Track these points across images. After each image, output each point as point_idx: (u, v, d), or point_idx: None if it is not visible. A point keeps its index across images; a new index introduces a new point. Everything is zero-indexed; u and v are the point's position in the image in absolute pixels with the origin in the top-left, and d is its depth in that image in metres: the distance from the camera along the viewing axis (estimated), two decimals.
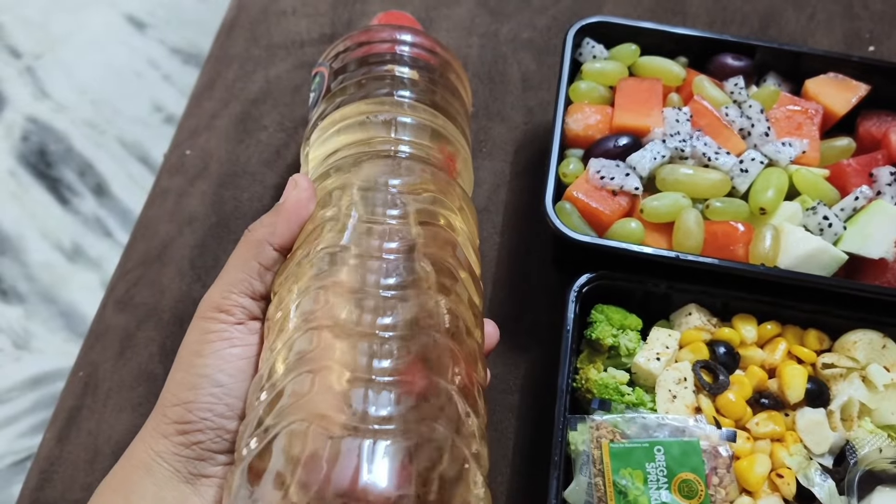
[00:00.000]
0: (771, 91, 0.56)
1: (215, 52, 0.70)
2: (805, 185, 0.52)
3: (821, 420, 0.45)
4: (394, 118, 0.44)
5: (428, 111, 0.46)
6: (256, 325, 0.36)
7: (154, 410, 0.35)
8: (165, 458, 0.33)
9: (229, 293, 0.36)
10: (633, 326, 0.48)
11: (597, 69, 0.57)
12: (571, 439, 0.44)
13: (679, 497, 0.41)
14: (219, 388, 0.34)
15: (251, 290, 0.36)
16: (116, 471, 0.35)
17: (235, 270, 0.36)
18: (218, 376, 0.34)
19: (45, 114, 1.50)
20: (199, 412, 0.33)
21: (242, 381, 0.34)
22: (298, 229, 0.38)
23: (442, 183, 0.42)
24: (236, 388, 0.34)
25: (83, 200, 1.40)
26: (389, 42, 0.49)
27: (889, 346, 0.48)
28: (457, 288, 0.37)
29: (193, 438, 0.33)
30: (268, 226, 0.37)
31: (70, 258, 1.34)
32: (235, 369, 0.34)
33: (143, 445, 0.34)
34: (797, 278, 0.48)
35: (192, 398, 0.33)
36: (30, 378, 1.22)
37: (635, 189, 0.51)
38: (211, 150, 0.64)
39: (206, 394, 0.33)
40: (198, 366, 0.34)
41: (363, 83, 0.46)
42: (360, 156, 0.41)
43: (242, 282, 0.36)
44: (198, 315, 0.36)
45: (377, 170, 0.40)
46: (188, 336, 0.36)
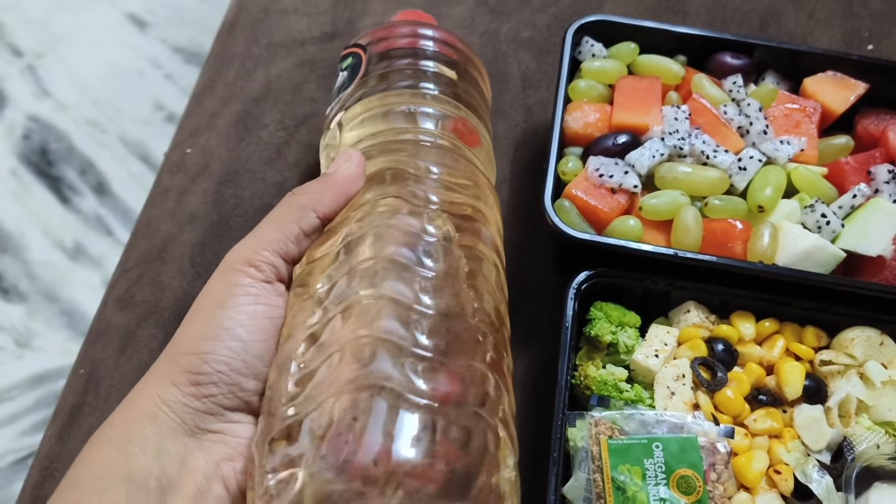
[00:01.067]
0: (769, 89, 0.57)
1: (216, 50, 0.70)
2: (803, 183, 0.53)
3: (818, 417, 0.45)
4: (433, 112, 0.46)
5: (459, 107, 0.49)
6: (282, 287, 0.35)
7: (163, 357, 0.34)
8: (173, 408, 0.32)
9: (262, 249, 0.35)
10: (632, 323, 0.48)
11: (596, 67, 0.57)
12: (570, 436, 0.44)
13: (677, 493, 0.42)
14: (238, 342, 0.32)
15: (285, 252, 0.35)
16: (114, 419, 0.33)
17: (273, 229, 0.35)
18: (238, 331, 0.32)
19: (46, 113, 1.50)
20: (215, 364, 0.32)
21: (263, 340, 0.33)
22: (345, 203, 0.37)
23: (475, 176, 0.43)
24: (256, 346, 0.33)
25: (84, 199, 1.40)
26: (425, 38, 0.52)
27: (886, 342, 0.48)
28: (490, 276, 0.38)
29: (206, 391, 0.32)
30: (314, 193, 0.36)
31: (71, 257, 1.34)
32: (257, 327, 0.33)
33: (150, 392, 0.32)
34: (795, 276, 0.48)
35: (210, 349, 0.32)
36: (31, 376, 1.22)
37: (634, 187, 0.51)
38: (212, 149, 0.64)
39: (225, 347, 0.32)
40: (219, 317, 0.33)
41: (407, 73, 0.48)
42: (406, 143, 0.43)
43: (279, 241, 0.35)
44: (224, 265, 0.34)
45: (424, 158, 0.41)
46: (211, 285, 0.34)
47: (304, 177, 0.62)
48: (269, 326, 0.33)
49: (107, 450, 0.32)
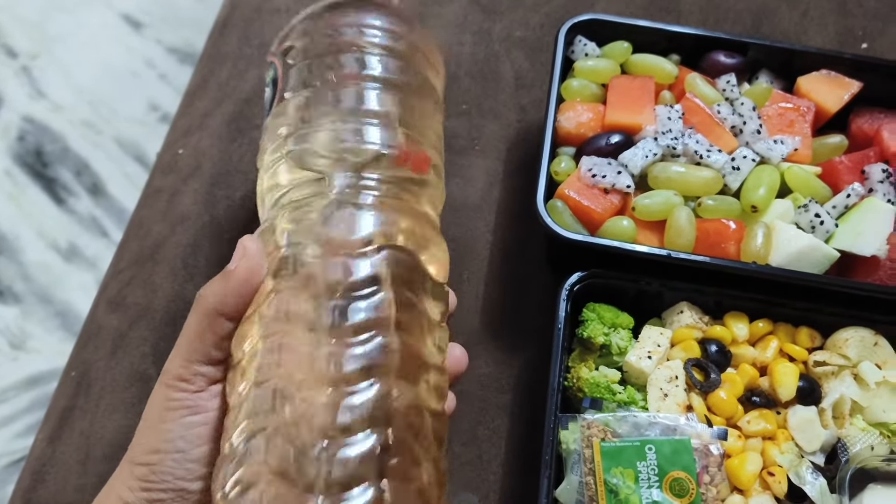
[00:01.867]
0: (763, 88, 0.56)
1: (208, 50, 0.70)
2: (797, 183, 0.52)
3: (812, 418, 0.45)
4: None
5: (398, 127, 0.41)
6: (217, 388, 0.37)
7: (124, 460, 0.37)
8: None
9: (189, 363, 0.37)
10: (625, 325, 0.48)
11: (589, 67, 0.57)
12: (563, 438, 0.44)
13: (670, 496, 0.41)
14: (179, 453, 0.36)
15: (209, 358, 0.37)
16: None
17: (192, 340, 0.37)
18: (178, 443, 0.36)
19: (41, 113, 1.50)
20: (161, 475, 0.35)
21: (201, 445, 0.36)
22: (250, 297, 0.37)
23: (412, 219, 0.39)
24: (196, 452, 0.36)
25: (79, 200, 1.40)
26: (354, 28, 0.43)
27: (881, 343, 0.48)
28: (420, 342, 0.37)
29: (156, 496, 0.35)
30: (218, 295, 0.37)
31: (66, 258, 1.33)
32: (195, 436, 0.36)
33: (114, 495, 0.36)
34: (789, 276, 0.48)
35: (155, 461, 0.36)
36: (26, 378, 1.22)
37: (627, 187, 0.51)
38: (204, 150, 0.64)
39: (168, 459, 0.35)
40: (161, 431, 0.36)
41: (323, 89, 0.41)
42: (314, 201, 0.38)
43: (199, 351, 0.37)
44: (161, 380, 0.37)
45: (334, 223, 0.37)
46: (153, 398, 0.37)
47: None
48: (206, 431, 0.36)
49: None
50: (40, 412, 1.23)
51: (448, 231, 0.60)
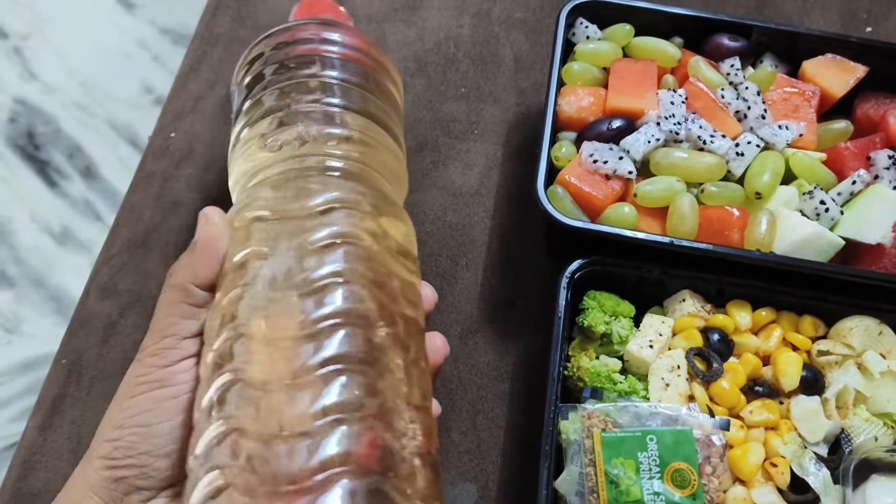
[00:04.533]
0: (768, 72, 0.55)
1: (201, 31, 0.68)
2: (802, 169, 0.51)
3: (816, 408, 0.44)
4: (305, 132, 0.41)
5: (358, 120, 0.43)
6: (187, 363, 0.36)
7: (92, 442, 0.36)
8: (97, 492, 0.34)
9: (161, 337, 0.36)
10: (626, 313, 0.47)
11: (590, 50, 0.56)
12: (563, 428, 0.43)
13: (672, 487, 0.41)
14: (144, 427, 0.35)
15: (183, 332, 0.36)
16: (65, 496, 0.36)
17: (165, 315, 0.37)
18: (144, 416, 0.35)
19: (33, 95, 1.48)
20: (124, 450, 0.34)
21: (168, 419, 0.35)
22: (219, 264, 0.37)
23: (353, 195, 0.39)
24: (163, 426, 0.35)
25: (72, 183, 1.38)
26: (313, 42, 0.46)
27: (885, 332, 0.47)
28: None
29: (119, 473, 0.34)
30: (187, 267, 0.37)
31: (59, 242, 1.32)
32: (163, 409, 0.35)
33: (81, 481, 0.35)
34: (793, 264, 0.47)
35: (118, 436, 0.35)
36: (20, 362, 1.21)
37: (629, 173, 0.50)
38: (196, 133, 0.63)
39: (131, 433, 0.34)
40: (127, 406, 0.35)
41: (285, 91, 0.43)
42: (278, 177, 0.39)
43: (173, 325, 0.36)
44: (137, 356, 0.37)
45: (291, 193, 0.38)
46: (126, 375, 0.37)
47: None
48: (173, 406, 0.35)
49: None
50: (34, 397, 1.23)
51: (446, 217, 0.59)
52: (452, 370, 0.53)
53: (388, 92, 0.48)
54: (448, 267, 0.57)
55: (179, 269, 0.37)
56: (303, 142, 0.40)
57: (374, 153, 0.42)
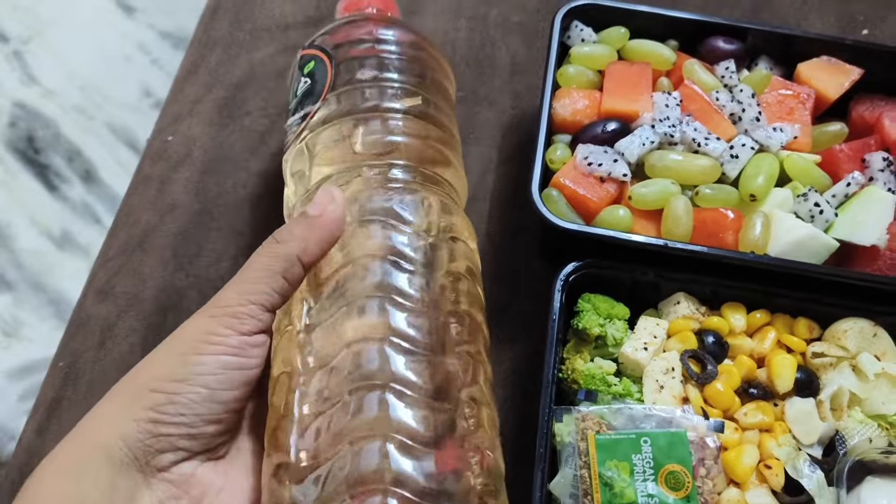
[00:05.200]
0: (763, 75, 0.55)
1: (199, 35, 0.69)
2: (796, 172, 0.52)
3: (810, 410, 0.44)
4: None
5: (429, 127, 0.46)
6: (262, 338, 0.35)
7: (121, 388, 0.34)
8: (128, 443, 0.32)
9: (247, 301, 0.34)
10: (621, 316, 0.47)
11: (585, 53, 0.56)
12: (557, 431, 0.43)
13: (666, 489, 0.41)
14: (207, 389, 0.33)
15: (269, 303, 0.35)
16: (68, 449, 0.33)
17: (258, 279, 0.35)
18: (208, 378, 0.33)
19: (33, 99, 1.48)
20: (181, 406, 0.32)
21: (230, 389, 0.34)
22: (330, 248, 0.36)
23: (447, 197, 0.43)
24: (223, 395, 0.33)
25: (71, 187, 1.39)
26: (388, 42, 0.48)
27: (880, 334, 0.47)
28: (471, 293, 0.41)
29: (164, 430, 0.32)
30: (300, 240, 0.35)
31: (59, 245, 1.33)
32: (227, 378, 0.34)
33: (108, 427, 0.33)
34: (787, 266, 0.47)
35: (178, 390, 0.32)
36: (19, 367, 1.21)
37: (623, 175, 0.50)
38: (194, 136, 0.63)
39: (193, 391, 0.33)
40: (193, 362, 0.33)
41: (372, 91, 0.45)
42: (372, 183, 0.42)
43: (264, 293, 0.35)
44: (206, 311, 0.35)
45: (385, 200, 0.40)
46: (193, 323, 0.34)
47: None
48: (239, 377, 0.34)
49: (59, 480, 0.32)
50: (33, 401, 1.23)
51: None
52: None
53: (443, 87, 0.50)
54: None
55: (290, 240, 0.36)
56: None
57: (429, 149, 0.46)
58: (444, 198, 0.43)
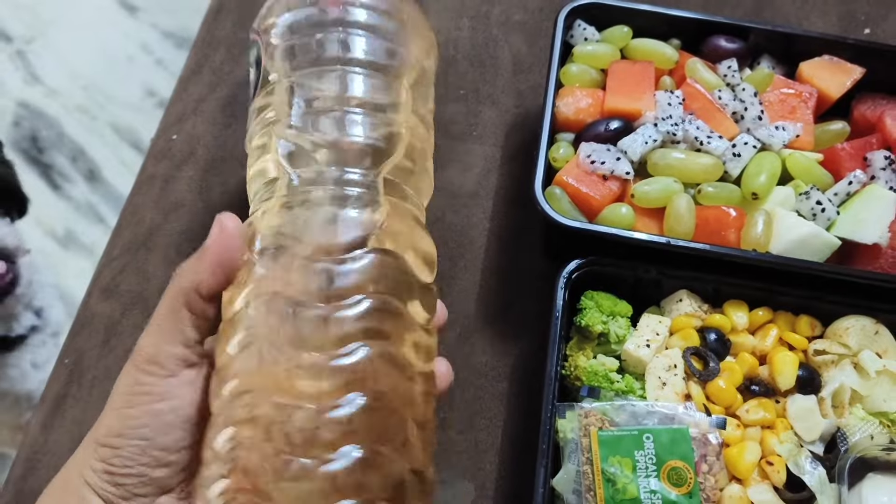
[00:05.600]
0: (765, 74, 0.56)
1: (202, 35, 0.69)
2: (798, 170, 0.52)
3: (812, 407, 0.45)
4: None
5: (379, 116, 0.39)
6: (191, 373, 0.36)
7: (88, 437, 0.35)
8: (97, 491, 0.34)
9: (162, 344, 0.35)
10: (623, 313, 0.47)
11: (588, 52, 0.56)
12: (560, 427, 0.43)
13: (668, 485, 0.41)
14: (144, 441, 0.34)
15: (184, 339, 0.35)
16: (52, 492, 0.36)
17: (166, 319, 0.35)
18: (144, 431, 0.34)
19: (36, 99, 1.49)
20: (124, 460, 0.34)
21: (168, 433, 0.35)
22: (225, 275, 0.36)
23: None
24: (162, 440, 0.34)
25: (75, 186, 1.39)
26: (339, 6, 0.41)
27: (881, 332, 0.47)
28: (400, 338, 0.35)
29: (119, 480, 0.34)
30: (192, 272, 0.36)
31: (63, 245, 1.33)
32: (162, 424, 0.34)
33: (77, 472, 0.35)
34: (789, 264, 0.47)
35: (119, 445, 0.34)
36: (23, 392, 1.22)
37: (626, 174, 0.51)
38: (198, 135, 0.63)
39: (132, 445, 0.34)
40: (127, 417, 0.34)
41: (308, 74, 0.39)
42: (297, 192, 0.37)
43: (173, 331, 0.35)
44: (131, 360, 0.35)
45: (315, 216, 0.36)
46: (121, 378, 0.35)
47: None
48: (175, 419, 0.35)
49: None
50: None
51: (445, 218, 0.59)
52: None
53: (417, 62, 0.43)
54: (447, 268, 0.57)
55: (185, 274, 0.36)
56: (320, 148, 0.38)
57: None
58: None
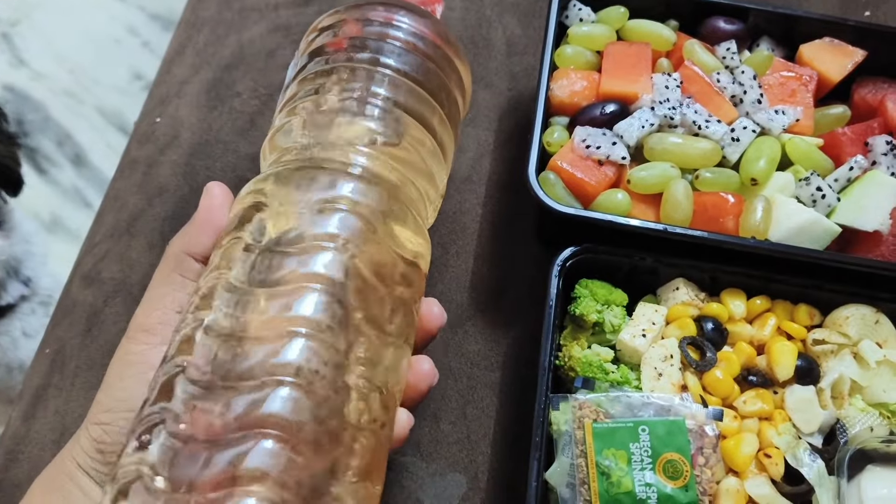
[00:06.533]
0: (764, 56, 0.54)
1: (187, 15, 0.67)
2: (798, 155, 0.51)
3: (810, 398, 0.44)
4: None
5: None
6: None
7: (84, 422, 0.35)
8: (87, 472, 0.33)
9: (153, 311, 0.35)
10: (619, 302, 0.46)
11: (583, 33, 0.55)
12: (553, 419, 0.42)
13: (664, 478, 0.40)
14: (134, 412, 0.33)
15: (176, 304, 0.35)
16: (47, 478, 0.35)
17: (158, 286, 0.35)
18: (133, 402, 0.33)
19: (22, 82, 1.46)
20: (114, 435, 0.33)
21: None
22: (214, 238, 0.36)
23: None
24: None
25: (62, 171, 1.37)
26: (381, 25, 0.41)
27: (882, 321, 0.46)
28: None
29: (110, 458, 0.33)
30: (185, 235, 0.36)
31: (49, 229, 1.31)
32: None
33: (69, 457, 0.34)
34: (788, 252, 0.46)
35: (108, 420, 0.33)
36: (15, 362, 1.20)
37: (622, 159, 0.49)
38: (182, 118, 0.61)
39: (121, 418, 0.33)
40: (117, 388, 0.34)
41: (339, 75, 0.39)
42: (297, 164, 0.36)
43: (165, 296, 0.35)
44: (126, 335, 0.35)
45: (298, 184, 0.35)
46: (115, 354, 0.35)
47: None
48: None
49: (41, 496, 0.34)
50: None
51: None
52: (443, 359, 0.52)
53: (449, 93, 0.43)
54: (439, 255, 0.56)
55: (177, 239, 0.36)
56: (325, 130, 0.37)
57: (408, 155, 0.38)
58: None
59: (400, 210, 0.36)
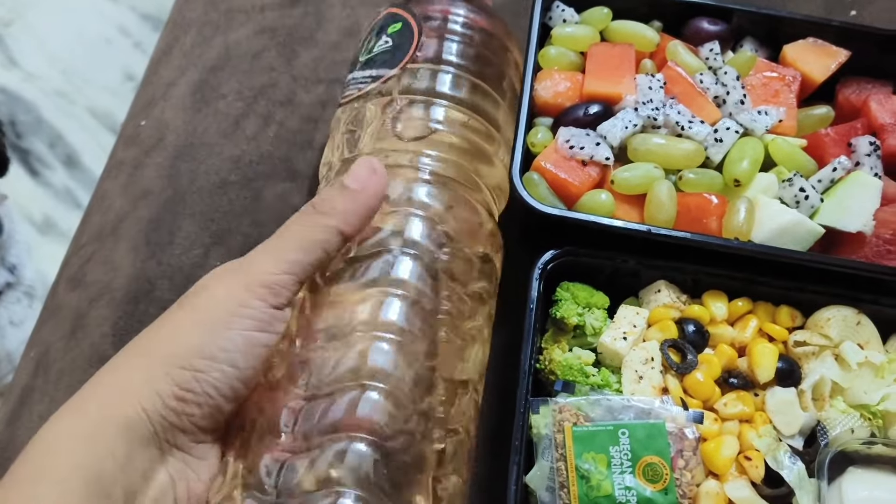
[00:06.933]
0: (747, 57, 0.54)
1: (174, 16, 0.67)
2: (781, 156, 0.50)
3: (791, 400, 0.44)
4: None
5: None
6: (288, 312, 0.34)
7: (142, 356, 0.32)
8: (151, 418, 0.30)
9: (283, 273, 0.33)
10: (600, 304, 0.46)
11: (567, 34, 0.55)
12: (534, 423, 0.42)
13: (643, 481, 0.40)
14: (233, 368, 0.31)
15: (304, 275, 0.33)
16: (81, 414, 0.31)
17: (298, 248, 0.33)
18: (236, 356, 0.31)
19: (13, 83, 1.46)
20: (206, 385, 0.31)
21: (254, 367, 0.32)
22: (369, 222, 0.35)
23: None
24: (248, 373, 0.32)
25: (54, 172, 1.37)
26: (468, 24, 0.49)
27: (863, 322, 0.46)
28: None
29: (188, 409, 0.31)
30: (342, 213, 0.34)
31: (41, 231, 1.31)
32: (253, 355, 0.32)
33: (129, 398, 0.30)
34: (771, 253, 0.46)
35: (205, 368, 0.31)
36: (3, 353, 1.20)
37: (606, 159, 0.49)
38: (167, 120, 0.61)
39: (219, 370, 0.31)
40: (221, 337, 0.31)
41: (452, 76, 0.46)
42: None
43: (301, 265, 0.33)
44: (240, 275, 0.33)
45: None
46: (222, 290, 0.32)
47: (263, 151, 0.59)
48: (264, 354, 0.32)
49: (74, 444, 0.30)
50: None
51: None
52: None
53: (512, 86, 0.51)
54: None
55: (332, 212, 0.34)
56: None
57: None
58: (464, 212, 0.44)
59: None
